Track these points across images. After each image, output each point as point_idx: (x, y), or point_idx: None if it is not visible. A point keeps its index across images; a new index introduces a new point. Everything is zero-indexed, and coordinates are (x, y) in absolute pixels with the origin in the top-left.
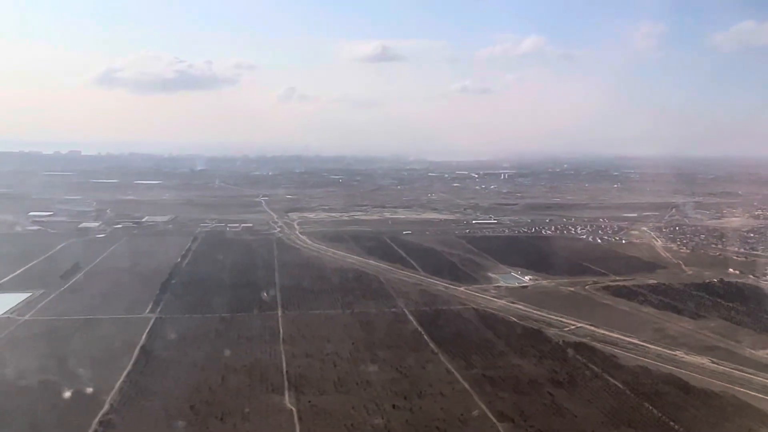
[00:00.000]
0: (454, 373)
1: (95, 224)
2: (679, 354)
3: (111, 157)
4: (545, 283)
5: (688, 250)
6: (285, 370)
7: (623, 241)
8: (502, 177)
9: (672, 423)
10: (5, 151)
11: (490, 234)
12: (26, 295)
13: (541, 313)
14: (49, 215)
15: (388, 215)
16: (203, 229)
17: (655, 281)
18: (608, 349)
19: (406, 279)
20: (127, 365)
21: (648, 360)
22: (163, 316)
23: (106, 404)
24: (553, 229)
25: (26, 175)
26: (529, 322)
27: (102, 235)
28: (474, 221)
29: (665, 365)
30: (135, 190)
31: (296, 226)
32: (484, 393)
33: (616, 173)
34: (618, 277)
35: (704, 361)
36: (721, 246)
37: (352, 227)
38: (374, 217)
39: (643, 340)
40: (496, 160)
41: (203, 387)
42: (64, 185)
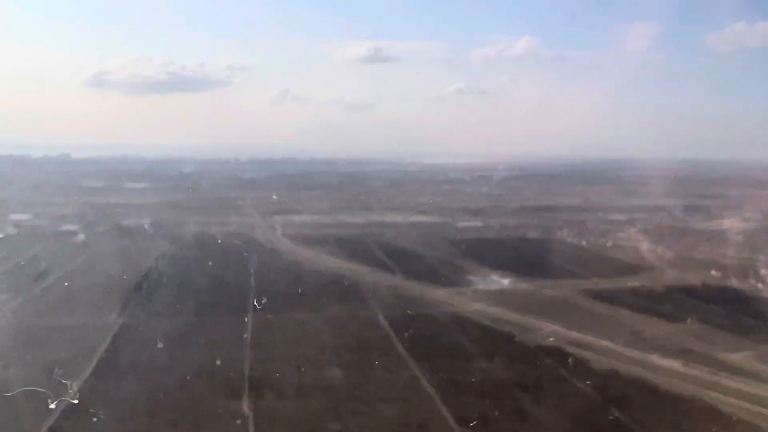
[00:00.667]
0: (420, 377)
1: (75, 227)
2: (653, 358)
3: (102, 160)
4: (524, 285)
5: (673, 253)
6: (248, 375)
7: (608, 244)
8: (496, 179)
9: (636, 427)
10: None
11: (475, 237)
12: None
13: (516, 317)
14: (30, 218)
15: (375, 218)
16: (184, 232)
17: (636, 284)
18: (580, 352)
19: (383, 282)
20: (84, 373)
21: (620, 364)
22: (129, 321)
23: (57, 412)
24: (539, 231)
25: (13, 178)
26: (503, 326)
27: (80, 238)
28: (461, 224)
29: (637, 369)
30: (120, 193)
31: (279, 229)
32: (447, 398)
33: (611, 175)
34: (599, 280)
35: (677, 364)
36: (707, 248)
37: (336, 230)
38: (360, 220)
39: (617, 344)
40: (492, 163)
41: (160, 393)
42: (49, 188)
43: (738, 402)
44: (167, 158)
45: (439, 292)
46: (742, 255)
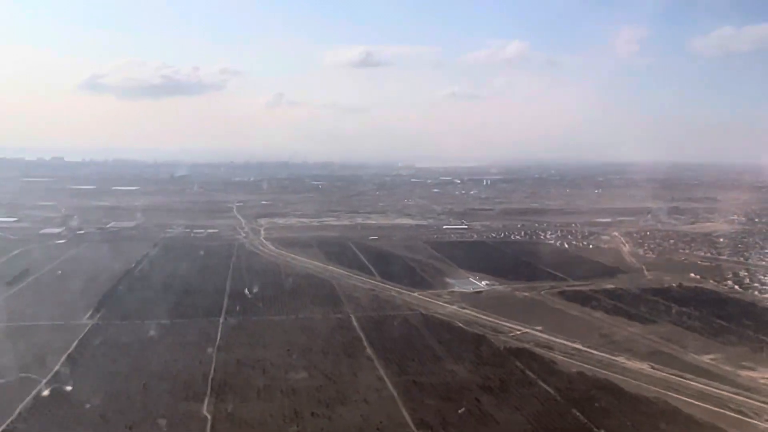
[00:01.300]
0: (385, 379)
1: (58, 230)
2: (621, 359)
3: (94, 164)
4: (501, 288)
5: (654, 255)
6: (211, 378)
7: (590, 246)
8: (485, 183)
9: (597, 429)
10: None
11: (458, 239)
12: None
13: (489, 319)
14: (14, 221)
15: (360, 221)
16: (167, 235)
17: (612, 286)
18: (549, 354)
19: (361, 285)
20: (49, 373)
21: (587, 366)
22: (101, 323)
23: (15, 412)
24: (522, 234)
25: (3, 181)
26: (475, 328)
27: (62, 241)
28: (445, 226)
29: (603, 371)
30: (109, 196)
31: (262, 232)
32: (409, 400)
33: (601, 179)
34: (576, 282)
35: (644, 366)
36: (688, 251)
37: (320, 233)
38: (345, 223)
39: (587, 346)
40: (484, 166)
41: (121, 395)
42: (39, 191)
43: (700, 404)
44: (161, 162)
45: (415, 294)
46: (722, 257)
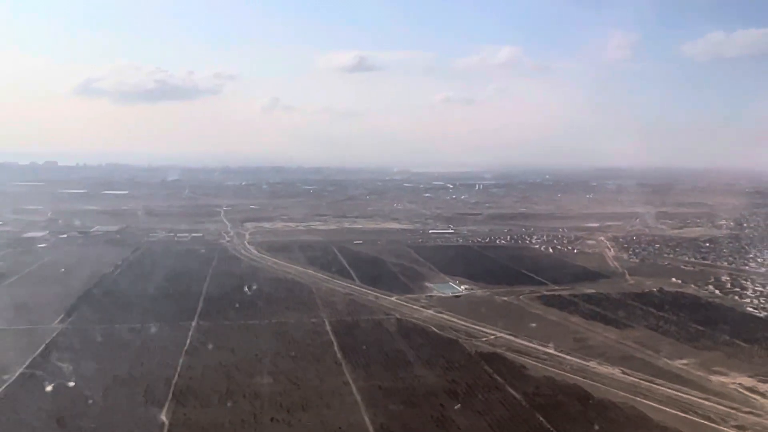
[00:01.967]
0: (351, 384)
1: (41, 234)
2: (592, 364)
3: (88, 168)
4: (480, 292)
5: (638, 260)
6: (174, 382)
7: (575, 251)
8: (477, 187)
9: None
10: None
11: (442, 244)
12: None
13: (465, 323)
14: None
15: (347, 225)
16: (150, 239)
17: (593, 291)
18: (520, 359)
19: (339, 289)
20: (9, 379)
21: (557, 371)
22: (70, 327)
23: None
24: (508, 238)
25: None
26: (448, 332)
27: (43, 245)
28: (431, 231)
29: (573, 376)
30: (98, 200)
31: (247, 236)
32: (372, 405)
33: (594, 184)
34: (557, 287)
35: (615, 371)
36: (673, 255)
37: (304, 237)
38: (331, 227)
39: (560, 351)
40: (479, 171)
41: (80, 400)
42: (28, 195)
43: (667, 409)
44: (155, 166)
45: (392, 299)
46: (706, 262)
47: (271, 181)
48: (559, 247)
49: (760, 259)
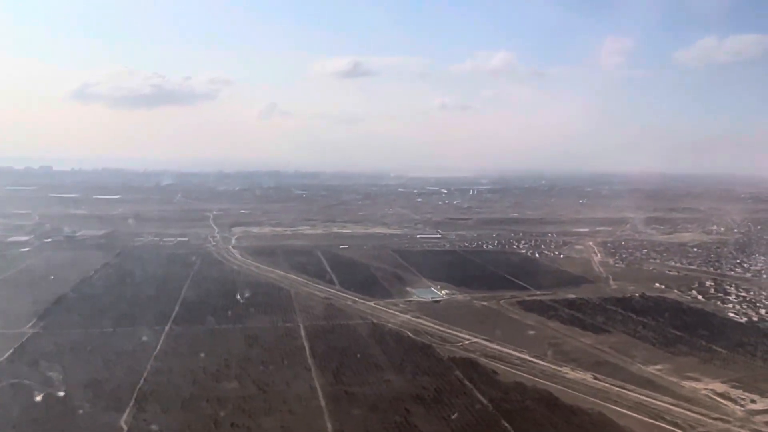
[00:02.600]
0: (317, 389)
1: (25, 238)
2: (565, 370)
3: (83, 173)
4: (460, 297)
5: (624, 265)
6: (139, 387)
7: (561, 256)
8: (471, 192)
9: None
10: None
11: (428, 248)
12: None
13: (441, 328)
14: None
15: (335, 230)
16: (135, 243)
17: (574, 296)
18: (493, 364)
19: (318, 293)
20: None
21: (528, 376)
22: (41, 332)
23: None
24: (495, 243)
25: None
26: (423, 337)
27: (26, 249)
28: (418, 236)
29: (544, 381)
30: (89, 205)
31: (233, 241)
32: (336, 410)
33: (589, 189)
34: (538, 292)
35: (587, 377)
36: (659, 260)
37: (291, 241)
38: (319, 232)
39: (533, 356)
40: (476, 176)
41: (41, 405)
42: (18, 200)
43: (635, 415)
44: (151, 171)
45: (371, 304)
46: (692, 267)
47: (265, 186)
48: (546, 252)
49: (746, 265)
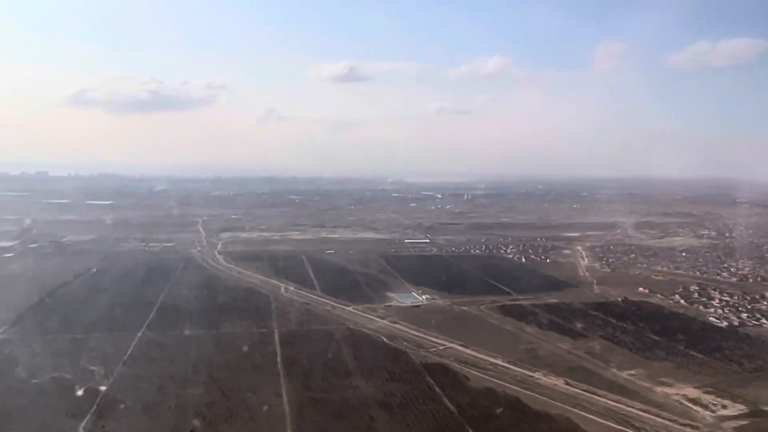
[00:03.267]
0: (283, 396)
1: (10, 243)
2: (537, 375)
3: (78, 178)
4: (441, 302)
5: (610, 270)
6: (103, 394)
7: (548, 261)
8: (465, 197)
9: None
10: None
11: (415, 253)
12: None
13: (417, 334)
14: None
15: (324, 235)
16: (120, 249)
17: (556, 300)
18: (465, 370)
19: (298, 299)
20: None
21: (499, 382)
22: (13, 337)
23: None
24: (483, 248)
25: None
26: (398, 343)
27: (10, 255)
28: (406, 240)
29: (514, 387)
30: (80, 210)
31: (219, 246)
32: (298, 417)
33: (585, 193)
34: (520, 297)
35: (559, 382)
36: (646, 265)
37: (277, 246)
38: (307, 237)
39: (507, 361)
40: (473, 181)
41: (1, 413)
42: (10, 205)
43: (603, 421)
44: (147, 176)
45: (349, 309)
46: (678, 271)
47: (259, 191)
48: (533, 257)
49: (733, 269)
